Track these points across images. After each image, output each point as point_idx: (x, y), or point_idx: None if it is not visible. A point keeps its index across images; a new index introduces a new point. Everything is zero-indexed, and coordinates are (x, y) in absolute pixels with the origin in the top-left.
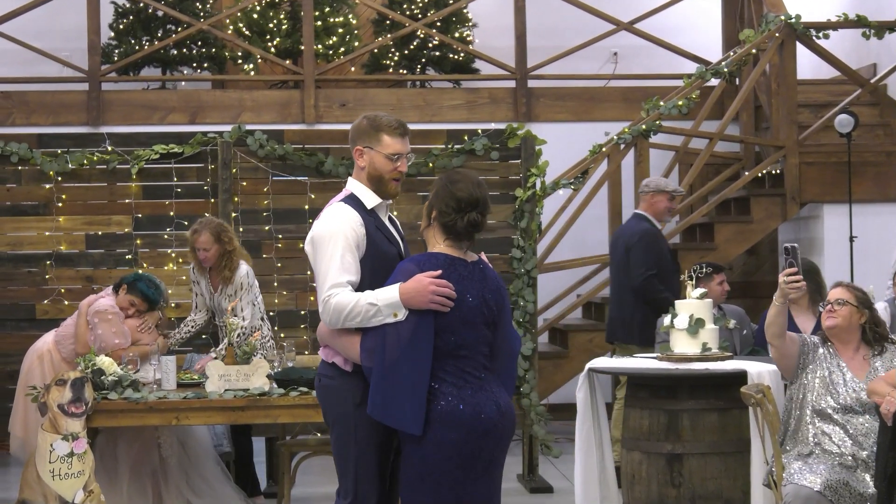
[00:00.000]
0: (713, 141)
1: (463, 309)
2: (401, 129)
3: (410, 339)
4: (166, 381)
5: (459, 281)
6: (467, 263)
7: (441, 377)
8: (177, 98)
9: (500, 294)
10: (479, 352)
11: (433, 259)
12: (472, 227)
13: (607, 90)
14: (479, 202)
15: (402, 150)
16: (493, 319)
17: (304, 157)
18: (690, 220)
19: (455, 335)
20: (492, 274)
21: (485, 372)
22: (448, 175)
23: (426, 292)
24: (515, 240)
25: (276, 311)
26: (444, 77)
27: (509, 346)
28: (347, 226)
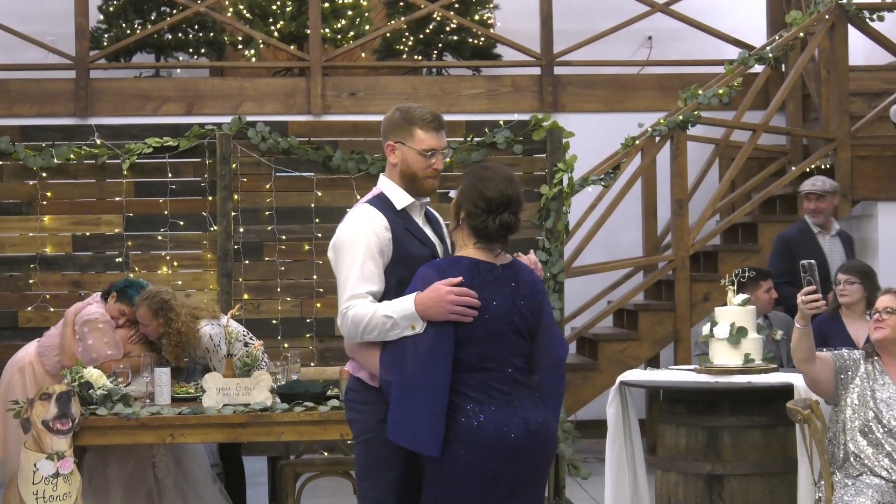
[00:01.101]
0: (757, 133)
1: (487, 318)
2: (435, 122)
3: (429, 352)
4: (160, 394)
5: (484, 287)
6: (495, 267)
7: (463, 392)
8: (172, 87)
9: (535, 299)
10: (508, 364)
11: (455, 264)
12: (504, 230)
13: (641, 77)
14: (512, 200)
15: (437, 146)
16: (527, 328)
17: (310, 151)
18: (732, 220)
19: (479, 347)
20: (527, 277)
21: (516, 386)
22: (475, 171)
23: (444, 302)
24: (541, 241)
25: (279, 320)
26: (463, 63)
27: (552, 355)
28: (369, 230)
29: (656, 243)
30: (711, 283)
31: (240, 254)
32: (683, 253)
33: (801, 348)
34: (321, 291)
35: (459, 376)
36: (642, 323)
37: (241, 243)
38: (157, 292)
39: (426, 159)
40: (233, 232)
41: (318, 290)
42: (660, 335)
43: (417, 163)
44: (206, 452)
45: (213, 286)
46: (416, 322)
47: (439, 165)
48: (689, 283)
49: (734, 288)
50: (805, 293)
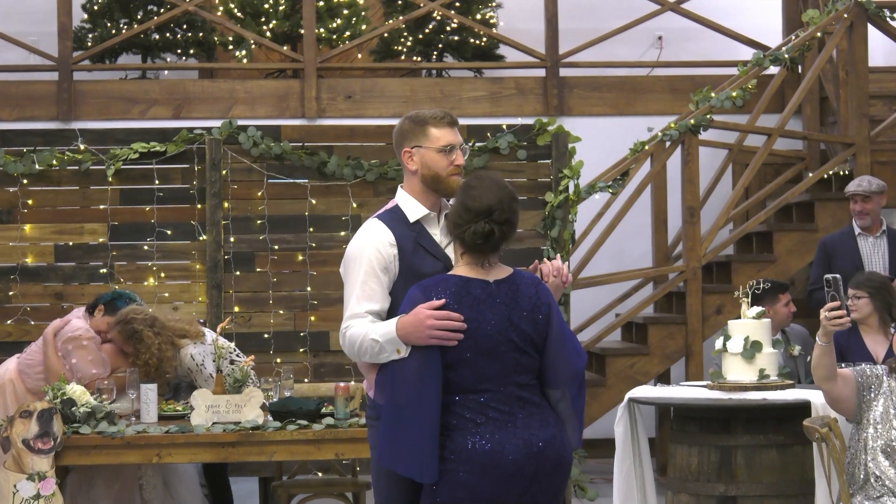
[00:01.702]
0: (772, 137)
1: (479, 338)
2: (448, 118)
3: (415, 377)
4: (146, 412)
5: (474, 306)
6: (487, 284)
7: (459, 413)
8: (159, 89)
9: (538, 313)
10: (509, 383)
11: (442, 283)
12: (481, 239)
13: (651, 80)
14: (493, 209)
15: (455, 141)
16: (530, 344)
17: (304, 156)
18: (746, 229)
19: (472, 368)
20: (528, 291)
21: (520, 405)
22: (467, 180)
23: (423, 327)
24: (545, 251)
25: (271, 334)
26: (465, 65)
27: (568, 367)
28: (372, 247)
29: (667, 253)
30: (724, 295)
31: (230, 264)
32: (695, 263)
33: (823, 366)
34: (315, 304)
35: (455, 398)
36: (652, 337)
37: (231, 253)
38: (131, 319)
39: (446, 156)
40: (223, 241)
41: (312, 302)
42: (670, 350)
43: (438, 162)
44: (195, 473)
45: (201, 298)
46: (400, 346)
47: (461, 161)
48: (701, 294)
49: (748, 300)
50: (828, 309)
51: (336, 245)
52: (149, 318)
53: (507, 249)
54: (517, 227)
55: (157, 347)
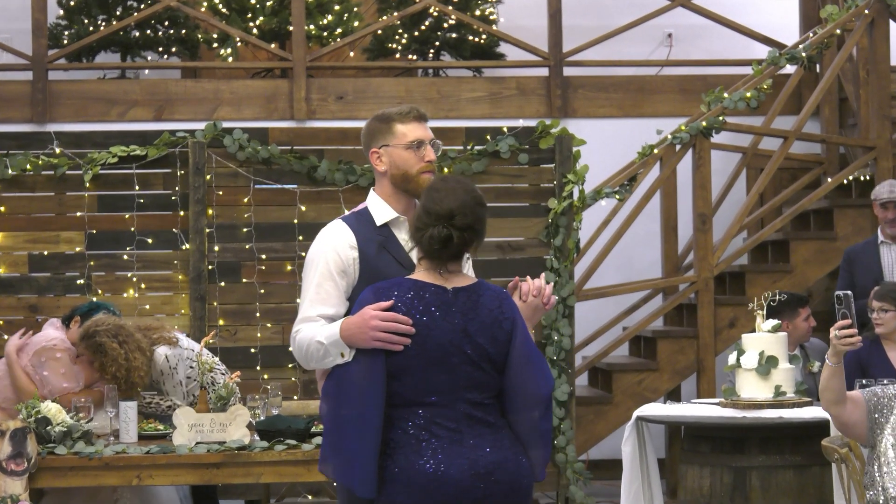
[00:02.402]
0: (788, 141)
1: (428, 346)
2: (414, 112)
3: (357, 384)
4: (125, 431)
5: (426, 312)
6: (445, 290)
7: (402, 428)
8: (139, 90)
9: (498, 328)
10: (459, 398)
11: (396, 286)
12: (438, 245)
13: (660, 79)
14: (455, 214)
15: (424, 136)
16: (486, 359)
17: (293, 160)
18: (761, 237)
19: (418, 378)
20: (491, 303)
21: (470, 424)
22: (432, 182)
23: (367, 328)
24: (548, 261)
25: (258, 348)
26: (463, 64)
27: (530, 391)
28: (330, 248)
29: (677, 263)
30: (738, 308)
31: (214, 275)
32: (707, 274)
33: (831, 389)
34: None
35: (399, 411)
36: (661, 351)
37: (215, 263)
38: (94, 332)
39: (415, 152)
40: (207, 251)
41: None
42: (681, 365)
43: (408, 159)
44: (177, 496)
45: (184, 311)
46: (344, 349)
47: (432, 157)
48: (713, 307)
49: (763, 312)
50: (838, 327)
51: None
52: (112, 328)
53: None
54: (483, 234)
55: (125, 358)
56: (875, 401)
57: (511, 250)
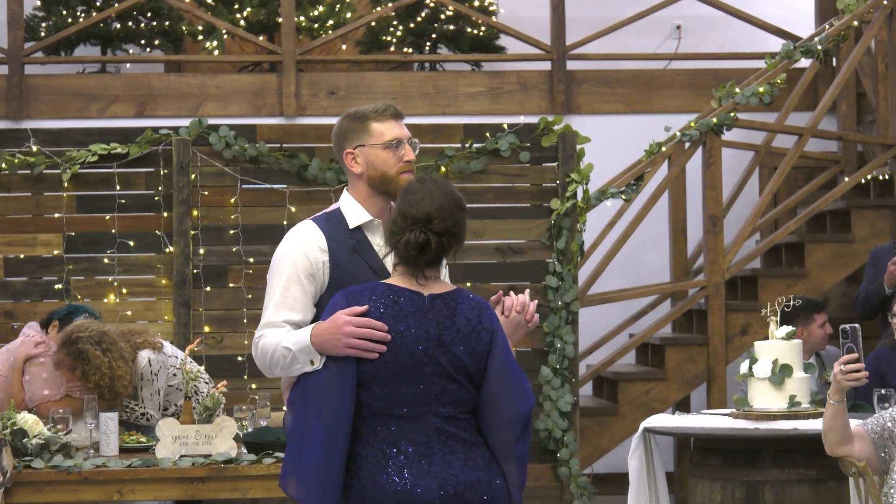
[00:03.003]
0: (804, 138)
1: (399, 354)
2: (390, 110)
3: (328, 393)
4: (106, 444)
5: (401, 318)
6: (420, 297)
7: (369, 442)
8: (120, 84)
9: (476, 339)
10: (430, 412)
11: (369, 290)
12: (415, 251)
13: (668, 73)
14: (432, 218)
15: (401, 134)
16: (461, 371)
17: (283, 159)
18: (774, 240)
19: (387, 388)
20: (469, 313)
21: (441, 439)
22: (408, 183)
23: (340, 335)
24: (551, 264)
25: (245, 356)
26: (461, 57)
27: (509, 409)
28: (298, 249)
29: (686, 267)
30: (751, 314)
31: (200, 279)
32: (718, 278)
33: (836, 430)
34: None
35: (366, 423)
36: (670, 360)
37: (201, 267)
38: (76, 338)
39: (394, 152)
40: (192, 254)
41: None
42: (690, 374)
43: (385, 160)
44: None
45: (168, 317)
46: (314, 356)
47: (411, 156)
48: (724, 313)
49: (777, 319)
50: (843, 362)
51: None
52: (95, 334)
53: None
54: (462, 239)
55: (108, 366)
56: (880, 433)
57: (511, 253)
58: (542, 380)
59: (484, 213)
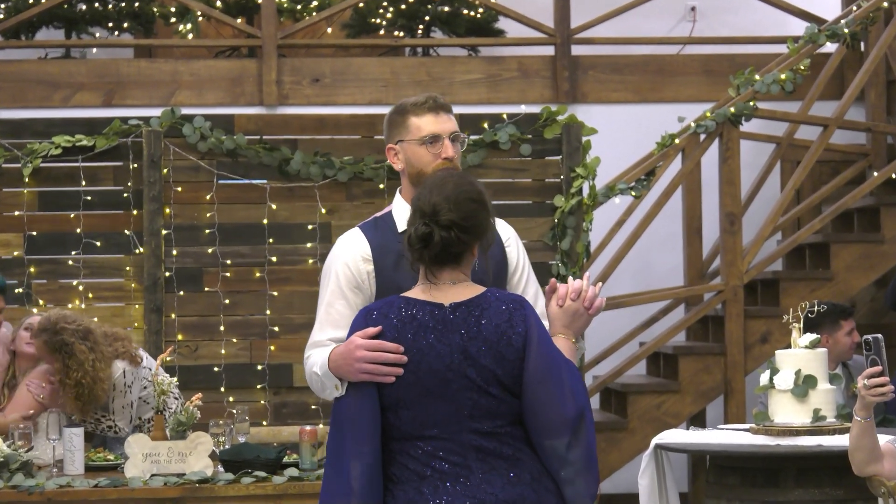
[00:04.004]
0: (829, 129)
1: (422, 374)
2: (430, 103)
3: (352, 419)
4: (70, 462)
5: (419, 335)
6: (441, 308)
7: (402, 463)
8: (86, 71)
9: (506, 345)
10: (464, 429)
11: (386, 307)
12: (419, 244)
13: (682, 59)
14: (439, 209)
15: (439, 129)
16: (494, 382)
17: (263, 152)
18: (797, 240)
19: (413, 410)
20: (496, 317)
21: (479, 457)
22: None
23: (352, 359)
24: (554, 266)
25: (222, 367)
26: (457, 41)
27: (548, 415)
28: (341, 261)
29: (701, 269)
30: (771, 320)
31: (172, 283)
32: (736, 281)
33: (863, 448)
34: (276, 331)
35: (399, 445)
36: (684, 370)
37: (173, 270)
38: (61, 328)
39: (430, 148)
40: (164, 255)
41: (272, 328)
42: (706, 386)
43: (421, 156)
44: None
45: (138, 324)
46: (337, 382)
47: (450, 153)
48: (742, 319)
49: (800, 325)
50: (867, 376)
51: (301, 259)
52: (81, 329)
53: None
54: (481, 235)
55: (91, 365)
56: None
57: None
58: None
59: None
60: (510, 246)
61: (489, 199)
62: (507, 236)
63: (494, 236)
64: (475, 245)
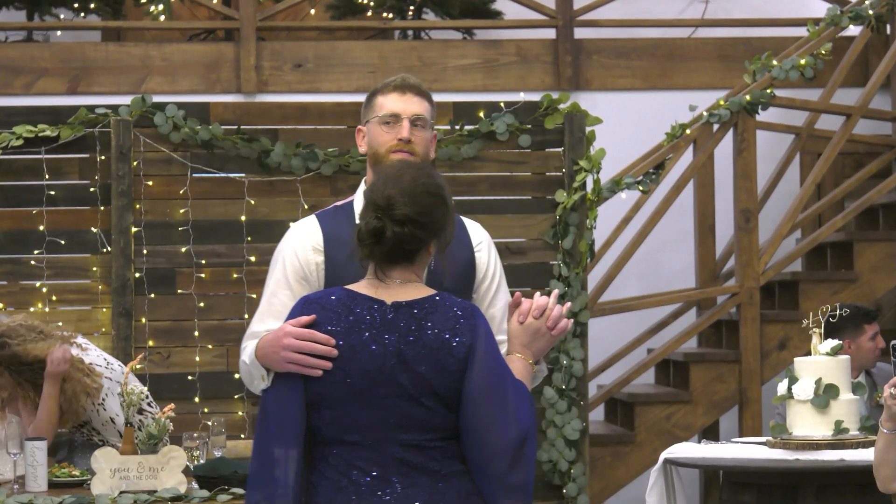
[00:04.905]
0: (852, 119)
1: (351, 373)
2: (396, 81)
3: (273, 415)
4: (32, 478)
5: (353, 330)
6: (381, 305)
7: (321, 471)
8: (50, 56)
9: (448, 354)
10: (389, 439)
11: (325, 297)
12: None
13: (693, 43)
14: (393, 202)
15: (401, 110)
16: (428, 393)
17: (241, 143)
18: (818, 238)
19: (337, 412)
20: (442, 323)
21: (402, 470)
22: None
23: (279, 347)
24: (556, 267)
25: (196, 375)
26: (450, 24)
27: (488, 435)
28: (290, 250)
29: (714, 270)
30: (790, 325)
31: (143, 285)
32: (752, 283)
33: (889, 462)
34: None
35: (319, 450)
36: (695, 379)
37: (144, 270)
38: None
39: (386, 129)
40: (133, 255)
41: None
42: (719, 396)
43: (377, 136)
44: None
45: (105, 329)
46: (263, 372)
47: (405, 134)
48: (759, 324)
49: (821, 331)
50: (893, 384)
51: None
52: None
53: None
54: (438, 232)
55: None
56: None
57: (510, 254)
58: (545, 403)
59: (477, 207)
60: (481, 251)
61: (449, 194)
62: (478, 240)
63: (453, 235)
64: (431, 243)
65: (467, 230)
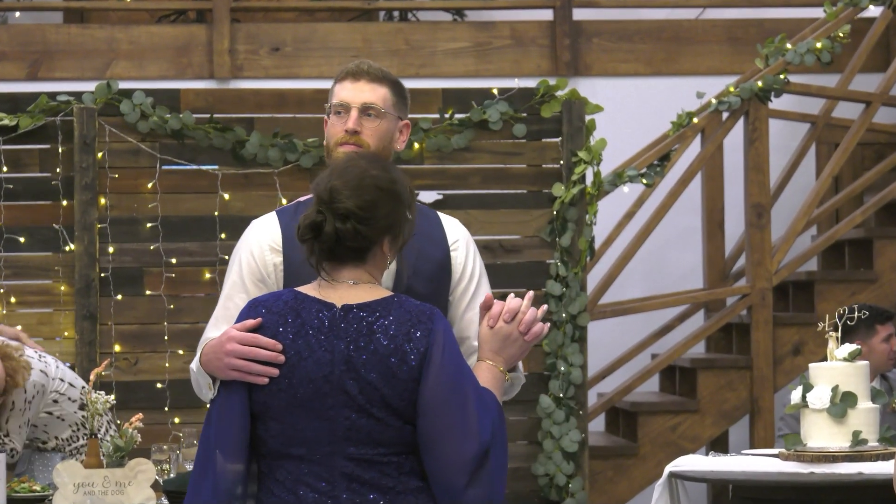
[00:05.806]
0: (872, 107)
1: (296, 382)
2: (352, 67)
3: (217, 426)
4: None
5: (300, 336)
6: (330, 308)
7: (268, 487)
8: (7, 38)
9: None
10: (336, 452)
11: (272, 300)
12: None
13: (700, 25)
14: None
15: (349, 98)
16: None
17: (214, 133)
18: (835, 235)
19: (283, 423)
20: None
21: (351, 486)
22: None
23: (222, 353)
24: (553, 266)
25: (166, 382)
26: (440, 4)
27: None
28: (246, 250)
29: (724, 269)
30: (805, 328)
31: (108, 285)
32: (764, 284)
33: None
34: None
35: (267, 464)
36: (703, 387)
37: (110, 270)
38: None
39: (336, 119)
40: (98, 253)
41: None
42: (729, 405)
43: (329, 128)
44: None
45: (68, 333)
46: (208, 380)
47: (351, 125)
48: (772, 327)
49: (838, 335)
50: None
51: None
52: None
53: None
54: (390, 229)
55: None
56: None
57: (504, 253)
58: (541, 412)
59: (468, 202)
60: (457, 250)
61: (407, 189)
62: (455, 238)
63: (410, 234)
64: (383, 241)
65: (443, 227)
